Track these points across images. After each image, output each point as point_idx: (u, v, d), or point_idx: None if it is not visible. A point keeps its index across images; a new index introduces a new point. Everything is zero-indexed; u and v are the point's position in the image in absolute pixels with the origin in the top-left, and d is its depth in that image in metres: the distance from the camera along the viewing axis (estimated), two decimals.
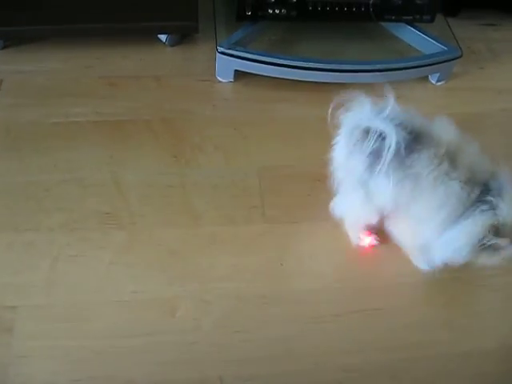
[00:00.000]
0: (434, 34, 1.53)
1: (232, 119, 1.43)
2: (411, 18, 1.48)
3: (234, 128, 1.41)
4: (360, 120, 1.06)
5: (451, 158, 1.04)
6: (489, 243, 1.01)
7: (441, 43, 1.50)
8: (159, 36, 1.53)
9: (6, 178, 1.27)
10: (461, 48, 1.52)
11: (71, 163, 1.30)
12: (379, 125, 1.02)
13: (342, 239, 1.23)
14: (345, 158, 1.11)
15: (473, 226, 1.02)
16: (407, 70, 1.47)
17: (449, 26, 1.61)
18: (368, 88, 1.47)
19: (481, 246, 1.02)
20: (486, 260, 1.05)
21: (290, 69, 1.41)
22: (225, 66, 1.45)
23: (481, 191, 1.04)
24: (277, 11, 1.42)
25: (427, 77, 1.56)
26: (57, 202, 1.24)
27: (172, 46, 1.55)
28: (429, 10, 1.45)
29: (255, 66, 1.42)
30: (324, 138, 1.38)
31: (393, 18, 1.47)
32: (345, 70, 1.44)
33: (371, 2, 1.41)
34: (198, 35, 1.55)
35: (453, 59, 1.50)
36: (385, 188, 1.06)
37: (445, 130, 1.08)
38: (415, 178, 1.04)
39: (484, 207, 1.02)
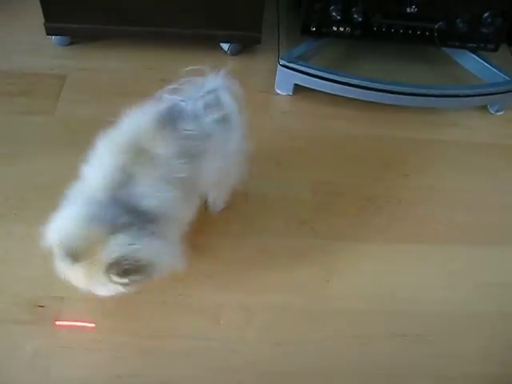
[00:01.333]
0: (497, 63, 1.52)
1: (288, 131, 1.44)
2: (475, 45, 1.47)
3: (290, 140, 1.42)
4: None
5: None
6: None
7: (503, 73, 1.49)
8: (222, 44, 1.56)
9: (64, 171, 1.28)
10: None
11: None
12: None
13: (390, 262, 1.24)
14: None
15: None
16: (465, 98, 1.47)
17: (510, 49, 1.60)
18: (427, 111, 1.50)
19: None
20: None
21: (348, 87, 1.42)
22: (285, 79, 1.47)
23: None
24: (341, 29, 1.43)
25: (486, 106, 1.55)
26: None
27: (233, 55, 1.57)
28: (494, 38, 1.44)
29: (315, 82, 1.43)
30: (376, 158, 1.40)
31: (457, 44, 1.47)
32: (401, 92, 1.44)
33: (436, 27, 1.41)
34: (260, 46, 1.57)
35: None
36: None
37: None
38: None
39: None
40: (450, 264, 1.25)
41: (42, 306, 1.10)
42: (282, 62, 1.43)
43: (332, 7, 1.38)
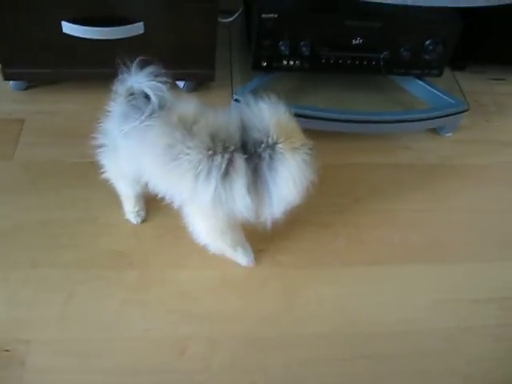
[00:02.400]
0: (442, 87, 1.59)
1: None
2: (420, 72, 1.53)
3: None
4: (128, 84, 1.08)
5: (186, 128, 1.05)
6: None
7: (448, 97, 1.56)
8: (177, 82, 1.60)
9: (24, 214, 1.31)
10: (467, 101, 1.58)
11: (87, 202, 1.34)
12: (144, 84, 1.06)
13: (349, 284, 1.27)
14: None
15: (295, 175, 1.05)
16: (415, 122, 1.52)
17: (456, 80, 1.67)
18: (379, 137, 1.55)
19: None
20: None
21: (301, 118, 1.43)
22: None
23: (245, 154, 1.04)
24: (291, 63, 1.48)
25: (435, 128, 1.61)
26: (72, 239, 1.28)
27: (189, 92, 1.60)
28: (437, 64, 1.50)
29: None
30: (330, 185, 1.43)
31: (402, 71, 1.53)
32: (353, 120, 1.49)
33: (381, 56, 1.47)
34: (214, 83, 1.61)
35: (460, 112, 1.56)
36: (125, 151, 1.12)
37: (184, 106, 1.09)
38: (151, 149, 1.06)
39: (275, 159, 1.04)
40: (407, 283, 1.29)
41: (7, 350, 1.10)
42: (235, 96, 1.47)
43: (280, 42, 1.43)
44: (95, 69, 1.47)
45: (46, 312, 1.17)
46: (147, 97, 1.06)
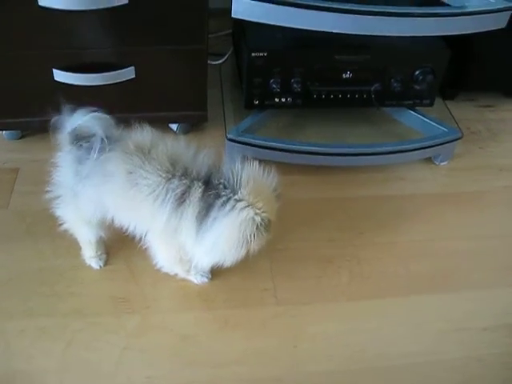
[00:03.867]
0: (434, 116, 1.60)
1: None
2: (411, 102, 1.54)
3: None
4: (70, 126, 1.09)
5: (144, 153, 1.06)
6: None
7: (441, 125, 1.56)
8: (170, 125, 1.60)
9: (20, 264, 1.29)
10: (460, 129, 1.58)
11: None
12: (84, 121, 1.07)
13: (353, 319, 1.24)
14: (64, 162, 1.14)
15: (236, 228, 1.03)
16: (410, 152, 1.52)
17: (448, 108, 1.68)
18: (375, 169, 1.55)
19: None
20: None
21: (296, 153, 1.46)
22: (233, 153, 1.48)
23: (204, 188, 1.05)
24: (283, 100, 1.49)
25: (430, 158, 1.61)
26: (70, 287, 1.25)
27: (183, 134, 1.61)
28: (428, 94, 1.52)
29: (263, 152, 1.45)
30: (330, 220, 1.43)
31: (394, 103, 1.54)
32: (349, 153, 1.49)
33: (372, 89, 1.48)
34: (208, 124, 1.61)
35: (453, 140, 1.56)
36: (90, 194, 1.11)
37: (140, 135, 1.11)
38: (112, 179, 1.07)
39: (230, 203, 1.03)
40: (413, 315, 1.27)
41: None
42: (229, 136, 1.47)
43: (271, 80, 1.44)
44: None
45: (44, 363, 1.13)
46: (93, 135, 1.07)
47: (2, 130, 1.56)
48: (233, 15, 1.25)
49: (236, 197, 1.04)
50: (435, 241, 1.42)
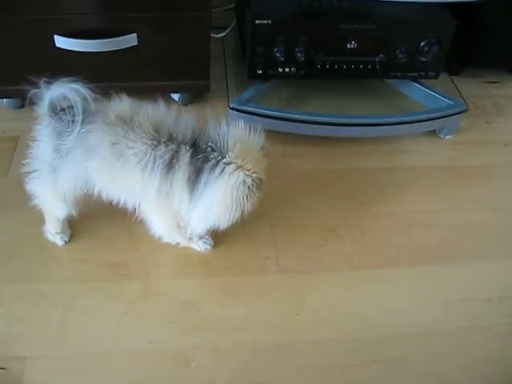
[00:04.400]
0: (440, 90, 1.58)
1: None
2: (416, 74, 1.52)
3: None
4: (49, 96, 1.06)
5: (126, 123, 1.05)
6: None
7: (447, 98, 1.55)
8: (172, 95, 1.58)
9: (20, 230, 1.28)
10: (466, 103, 1.57)
11: (85, 217, 1.30)
12: (63, 90, 1.04)
13: (357, 288, 1.23)
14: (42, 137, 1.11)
15: (228, 191, 1.03)
16: (415, 124, 1.50)
17: (453, 83, 1.66)
18: (379, 141, 1.53)
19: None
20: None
21: (299, 123, 1.45)
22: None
23: (192, 152, 1.04)
24: (286, 70, 1.47)
25: (435, 132, 1.59)
26: (70, 252, 1.24)
27: (185, 105, 1.59)
28: (433, 66, 1.49)
29: (266, 122, 1.44)
30: (333, 190, 1.42)
31: (398, 75, 1.52)
32: (353, 123, 1.47)
33: (377, 59, 1.46)
34: (210, 94, 1.59)
35: (459, 113, 1.54)
36: (71, 170, 1.09)
37: (119, 104, 1.09)
38: (96, 152, 1.05)
39: (219, 167, 1.03)
40: (417, 285, 1.25)
41: (3, 368, 1.05)
42: (231, 105, 1.45)
43: (275, 49, 1.42)
44: (89, 83, 1.45)
45: (42, 328, 1.12)
46: (71, 107, 1.04)
47: (2, 97, 1.54)
48: None
49: (225, 160, 1.03)
50: (439, 213, 1.40)
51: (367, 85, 1.68)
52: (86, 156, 1.07)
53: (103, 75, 1.41)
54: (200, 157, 1.04)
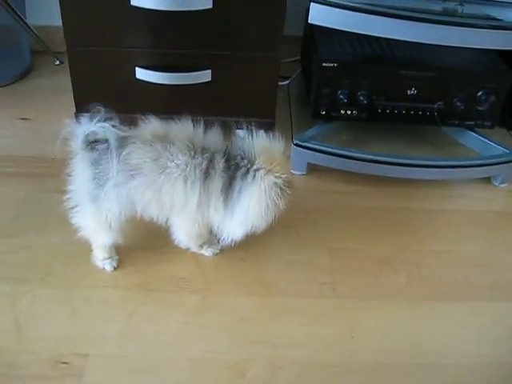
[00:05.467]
0: (495, 139, 1.63)
1: (304, 206, 1.49)
2: (473, 123, 1.58)
3: (306, 213, 1.48)
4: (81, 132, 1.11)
5: (162, 139, 1.12)
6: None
7: (501, 146, 1.59)
8: (238, 131, 1.66)
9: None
10: None
11: (152, 232, 1.33)
12: (94, 128, 1.10)
13: (411, 318, 1.24)
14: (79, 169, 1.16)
15: (262, 195, 1.12)
16: (469, 169, 1.55)
17: (510, 133, 1.71)
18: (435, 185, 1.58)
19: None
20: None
21: (360, 162, 1.51)
22: (299, 159, 1.56)
23: (225, 160, 1.13)
24: (348, 112, 1.55)
25: (490, 180, 1.62)
26: (135, 265, 1.30)
27: None
28: (490, 115, 1.55)
29: (327, 159, 1.52)
30: (390, 227, 1.46)
31: (455, 122, 1.58)
32: (410, 164, 1.53)
33: (435, 107, 1.53)
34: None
35: None
36: (116, 196, 1.14)
37: (150, 125, 1.16)
38: (139, 171, 1.11)
39: (251, 174, 1.12)
40: (472, 319, 1.26)
41: (66, 363, 1.10)
42: (295, 141, 1.53)
43: (339, 91, 1.51)
44: (165, 114, 1.56)
45: (105, 329, 1.16)
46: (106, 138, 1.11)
47: None
48: (309, 21, 1.34)
49: (254, 167, 1.12)
50: (493, 254, 1.42)
51: (424, 132, 1.75)
52: (129, 177, 1.12)
53: (175, 107, 1.50)
54: (232, 164, 1.13)
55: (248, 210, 1.14)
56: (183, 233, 1.26)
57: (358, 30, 1.33)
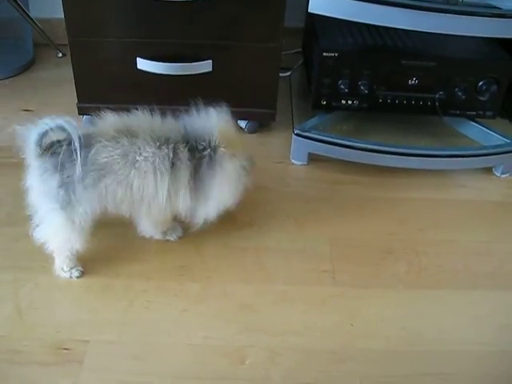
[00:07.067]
0: (497, 129, 1.63)
1: (304, 195, 1.52)
2: (474, 113, 1.58)
3: (306, 202, 1.49)
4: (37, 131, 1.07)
5: (126, 134, 1.11)
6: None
7: (504, 136, 1.59)
8: (239, 122, 1.67)
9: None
10: None
11: None
12: (55, 123, 1.06)
13: (411, 306, 1.24)
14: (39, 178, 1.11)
15: (231, 177, 1.19)
16: (471, 158, 1.55)
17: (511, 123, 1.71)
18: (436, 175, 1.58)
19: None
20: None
21: (360, 151, 1.51)
22: (299, 149, 1.57)
23: (188, 149, 1.14)
24: (349, 102, 1.56)
25: (491, 170, 1.63)
26: (136, 253, 1.31)
27: (251, 132, 1.69)
28: (491, 105, 1.55)
29: (328, 149, 1.52)
30: (390, 216, 1.46)
31: (457, 112, 1.58)
32: (411, 154, 1.53)
33: (437, 96, 1.53)
34: (274, 125, 1.69)
35: None
36: (88, 198, 1.11)
37: (109, 121, 1.16)
38: (109, 169, 1.10)
39: (216, 160, 1.16)
40: (472, 308, 1.25)
41: (67, 349, 1.11)
42: (296, 131, 1.54)
43: (340, 81, 1.51)
44: (165, 105, 1.56)
45: (106, 316, 1.17)
46: (60, 141, 1.08)
47: (83, 114, 1.65)
48: (309, 10, 1.34)
49: (218, 153, 1.16)
50: (495, 243, 1.42)
51: (425, 123, 1.75)
52: (100, 177, 1.10)
53: (175, 98, 1.52)
54: (196, 152, 1.15)
55: (218, 194, 1.19)
56: (149, 223, 1.28)
57: (358, 19, 1.33)
